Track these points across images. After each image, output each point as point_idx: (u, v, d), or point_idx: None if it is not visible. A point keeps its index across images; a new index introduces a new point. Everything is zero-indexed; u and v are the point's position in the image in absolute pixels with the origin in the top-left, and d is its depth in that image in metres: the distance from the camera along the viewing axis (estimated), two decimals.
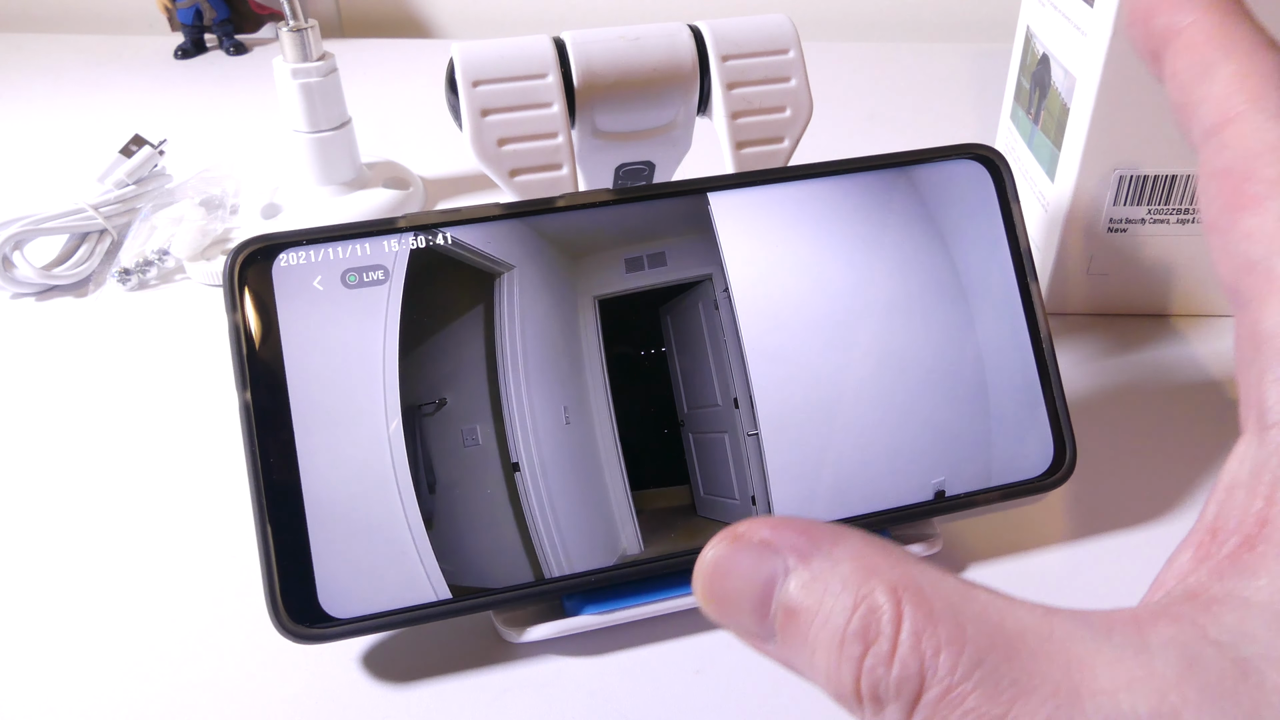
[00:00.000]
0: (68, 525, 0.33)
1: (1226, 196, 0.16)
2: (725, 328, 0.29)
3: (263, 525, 0.26)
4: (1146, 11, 0.18)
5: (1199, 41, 0.17)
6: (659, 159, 0.35)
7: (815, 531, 0.15)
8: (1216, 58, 0.17)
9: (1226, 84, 0.16)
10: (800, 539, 0.15)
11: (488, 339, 0.28)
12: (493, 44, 0.30)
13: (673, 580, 0.28)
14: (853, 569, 0.14)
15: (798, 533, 0.15)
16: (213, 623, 0.29)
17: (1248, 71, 0.16)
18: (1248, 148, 0.16)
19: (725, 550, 0.15)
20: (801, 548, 0.15)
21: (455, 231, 0.28)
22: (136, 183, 0.51)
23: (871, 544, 0.15)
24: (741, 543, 0.15)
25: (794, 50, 0.32)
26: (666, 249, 0.29)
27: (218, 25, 0.76)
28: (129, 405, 0.39)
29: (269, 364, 0.26)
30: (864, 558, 0.14)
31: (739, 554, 0.15)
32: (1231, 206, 0.16)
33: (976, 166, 0.31)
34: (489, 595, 0.26)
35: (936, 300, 0.30)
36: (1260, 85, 0.16)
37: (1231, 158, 0.16)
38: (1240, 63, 0.16)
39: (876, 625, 0.13)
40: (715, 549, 0.16)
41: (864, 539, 0.15)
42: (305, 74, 0.47)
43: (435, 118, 0.43)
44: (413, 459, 0.27)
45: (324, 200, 0.50)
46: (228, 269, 0.27)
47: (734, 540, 0.15)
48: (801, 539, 0.15)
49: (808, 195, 0.30)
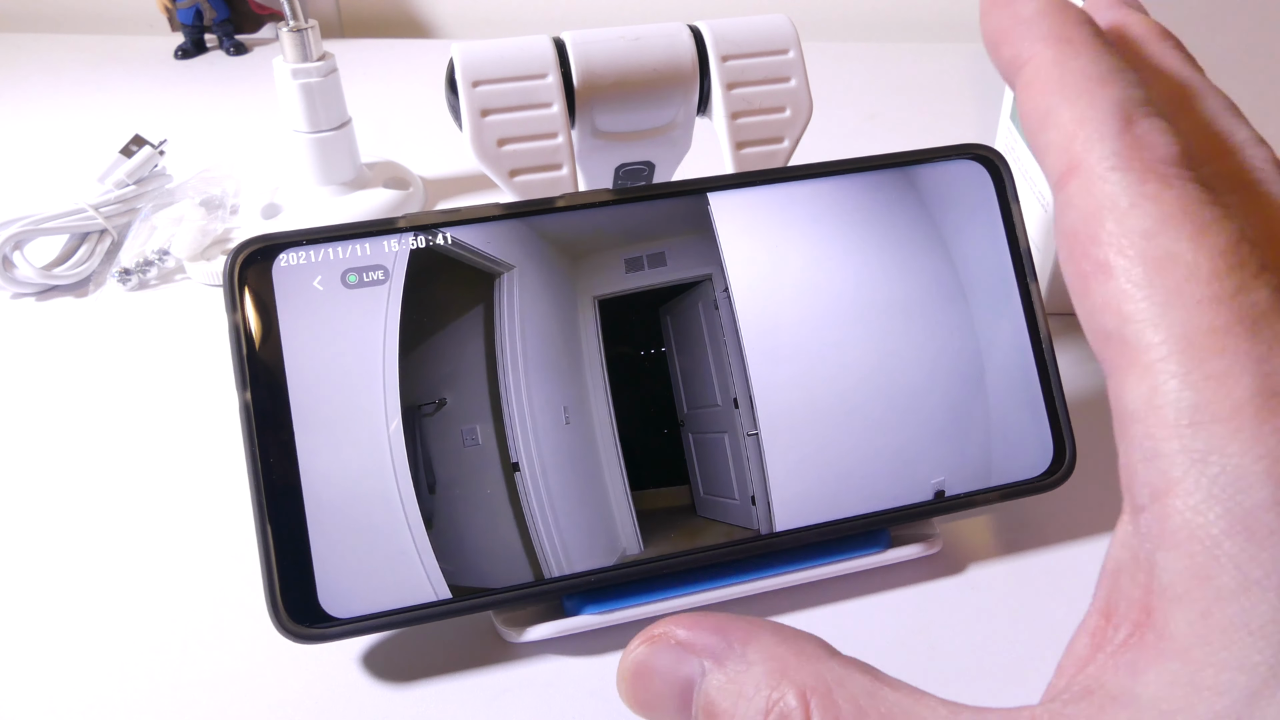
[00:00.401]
0: (68, 525, 0.33)
1: (1076, 262, 0.15)
2: (725, 328, 0.29)
3: (263, 525, 0.26)
4: (996, 41, 0.17)
5: (1037, 81, 0.16)
6: (659, 159, 0.35)
7: (729, 630, 0.15)
8: (1054, 101, 0.16)
9: (1064, 132, 0.15)
10: (714, 639, 0.15)
11: (488, 339, 0.28)
12: (493, 44, 0.30)
13: (673, 580, 0.28)
14: (765, 671, 0.15)
15: (712, 632, 0.15)
16: (213, 623, 0.29)
17: (1084, 117, 0.15)
18: (1089, 206, 0.14)
19: (644, 653, 0.16)
20: (716, 649, 0.15)
21: (455, 231, 0.28)
22: (137, 183, 0.51)
23: (783, 640, 0.15)
24: (659, 644, 0.16)
25: (794, 50, 0.32)
26: (666, 249, 0.29)
27: (218, 25, 0.76)
28: (129, 405, 0.39)
29: (269, 364, 0.26)
30: (776, 659, 0.15)
31: (658, 656, 0.16)
32: (1081, 273, 0.15)
33: (976, 166, 0.31)
34: (489, 595, 0.26)
35: (936, 300, 0.30)
36: (1096, 132, 0.15)
37: (1075, 218, 0.15)
38: (1076, 107, 0.15)
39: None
40: (635, 652, 0.16)
41: (776, 635, 0.15)
42: (305, 74, 0.47)
43: (435, 118, 0.43)
44: (413, 459, 0.27)
45: (324, 200, 0.50)
46: (228, 269, 0.27)
47: (652, 642, 0.16)
48: (716, 639, 0.15)
49: (808, 195, 0.30)
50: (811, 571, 0.29)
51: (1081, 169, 0.15)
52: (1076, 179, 0.15)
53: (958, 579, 0.30)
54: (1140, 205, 0.14)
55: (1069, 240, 0.15)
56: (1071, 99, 0.15)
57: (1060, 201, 0.15)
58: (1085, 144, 0.15)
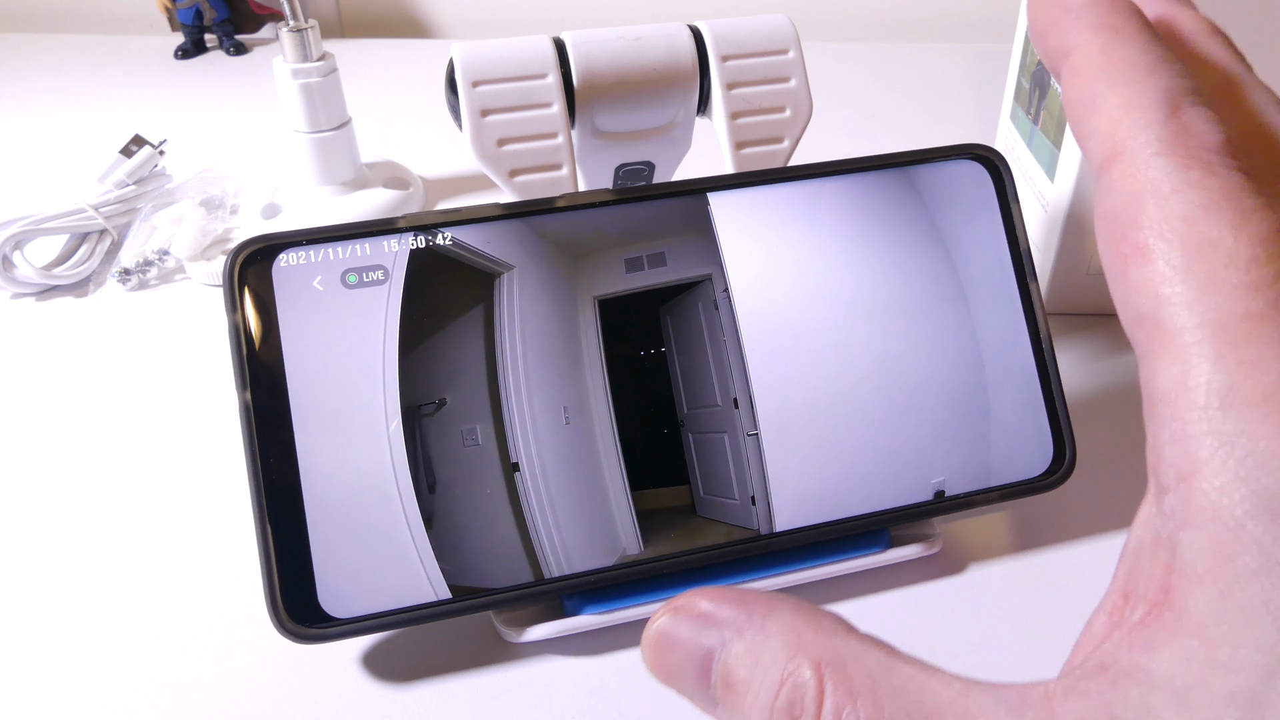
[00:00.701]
0: (68, 525, 0.33)
1: (1115, 245, 0.15)
2: (725, 328, 0.29)
3: (263, 525, 0.26)
4: (1043, 30, 0.17)
5: (1085, 68, 0.16)
6: (659, 159, 0.35)
7: (750, 603, 0.16)
8: (1100, 88, 0.16)
9: (1110, 118, 0.15)
10: (736, 612, 0.16)
11: (487, 339, 0.28)
12: (493, 44, 0.30)
13: (673, 580, 0.28)
14: (782, 643, 0.15)
15: (734, 605, 0.16)
16: (213, 623, 0.29)
17: (1131, 104, 0.15)
18: (1131, 190, 0.15)
19: (668, 622, 0.17)
20: (737, 621, 0.16)
21: (455, 231, 0.28)
22: (136, 183, 0.51)
23: (802, 615, 0.15)
24: (682, 614, 0.17)
25: (794, 50, 0.32)
26: (666, 249, 0.29)
27: (218, 25, 0.76)
28: (129, 405, 0.39)
29: (269, 364, 0.26)
30: (794, 631, 0.15)
31: (680, 626, 0.16)
32: (1120, 256, 0.15)
33: (976, 166, 0.31)
34: (489, 595, 0.26)
35: (936, 300, 0.30)
36: (1142, 118, 0.15)
37: (1117, 201, 0.15)
38: (1123, 94, 0.15)
39: (801, 701, 0.14)
40: (659, 621, 0.17)
41: (795, 610, 0.16)
42: (305, 74, 0.47)
43: (435, 118, 0.43)
44: (413, 459, 0.27)
45: (324, 200, 0.50)
46: (228, 269, 0.27)
47: (675, 612, 0.17)
48: (737, 611, 0.16)
49: (808, 195, 0.30)
50: (811, 571, 0.29)
51: (1125, 154, 0.15)
52: (1119, 164, 0.15)
53: (958, 579, 0.30)
54: (1183, 191, 0.14)
55: (1109, 223, 0.15)
56: (1118, 86, 0.16)
57: (1102, 186, 0.15)
58: (1130, 130, 0.15)
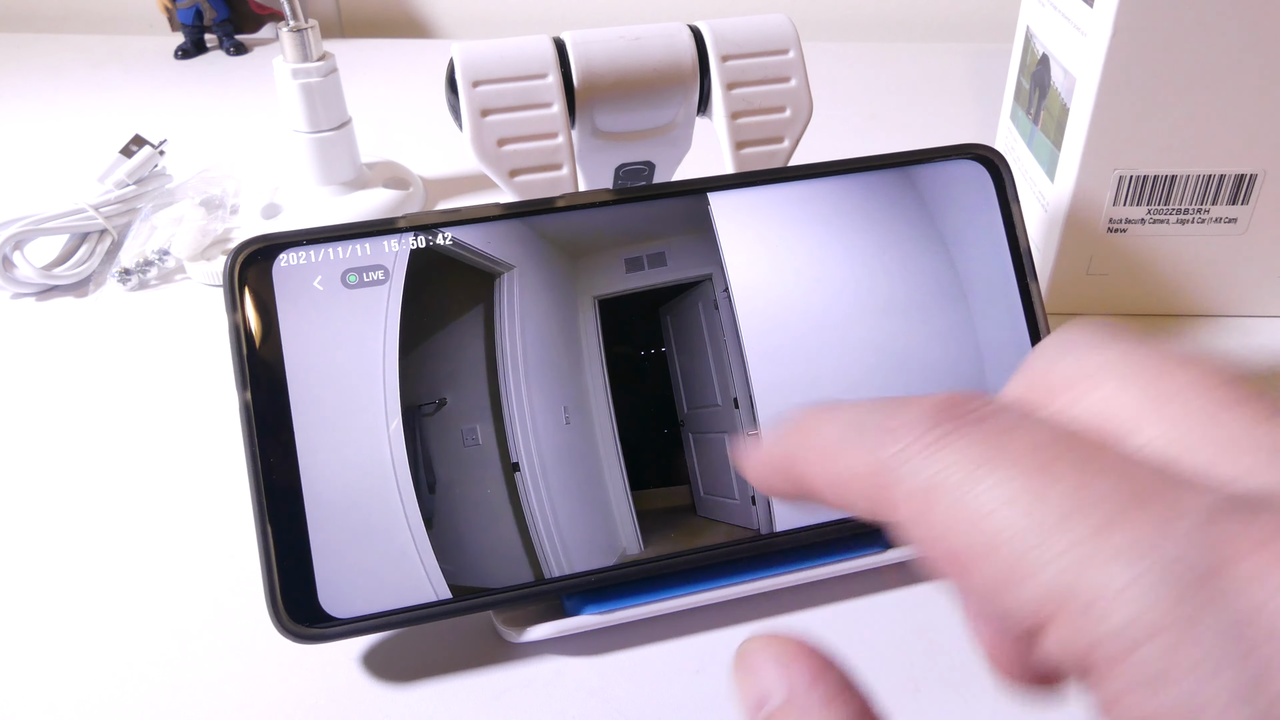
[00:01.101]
0: (68, 525, 0.33)
1: None
2: (725, 328, 0.29)
3: (263, 525, 0.26)
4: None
5: None
6: (659, 159, 0.35)
7: None
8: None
9: (857, 472, 0.13)
10: None
11: (488, 339, 0.28)
12: (493, 44, 0.30)
13: (673, 580, 0.28)
14: None
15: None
16: (213, 623, 0.29)
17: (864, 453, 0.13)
18: None
19: None
20: None
21: (455, 231, 0.28)
22: (137, 183, 0.51)
23: None
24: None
25: (794, 50, 0.32)
26: (666, 249, 0.29)
27: (218, 25, 0.76)
28: (129, 405, 0.39)
29: (269, 364, 0.26)
30: None
31: None
32: None
33: (976, 166, 0.31)
34: (489, 595, 0.26)
35: (936, 300, 0.30)
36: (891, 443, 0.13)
37: None
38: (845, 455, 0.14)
39: None
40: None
41: None
42: (305, 74, 0.47)
43: (435, 118, 0.43)
44: (413, 459, 0.27)
45: (324, 200, 0.50)
46: (228, 269, 0.27)
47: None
48: None
49: (808, 195, 0.30)
50: (811, 571, 0.29)
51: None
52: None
53: None
54: None
55: None
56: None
57: None
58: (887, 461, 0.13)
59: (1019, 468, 0.11)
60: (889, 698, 0.27)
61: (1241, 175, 0.37)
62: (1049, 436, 0.12)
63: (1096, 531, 0.11)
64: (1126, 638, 0.10)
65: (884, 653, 0.28)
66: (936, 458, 0.12)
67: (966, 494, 0.11)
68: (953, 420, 0.12)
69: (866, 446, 0.13)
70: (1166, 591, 0.10)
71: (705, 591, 0.28)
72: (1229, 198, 0.38)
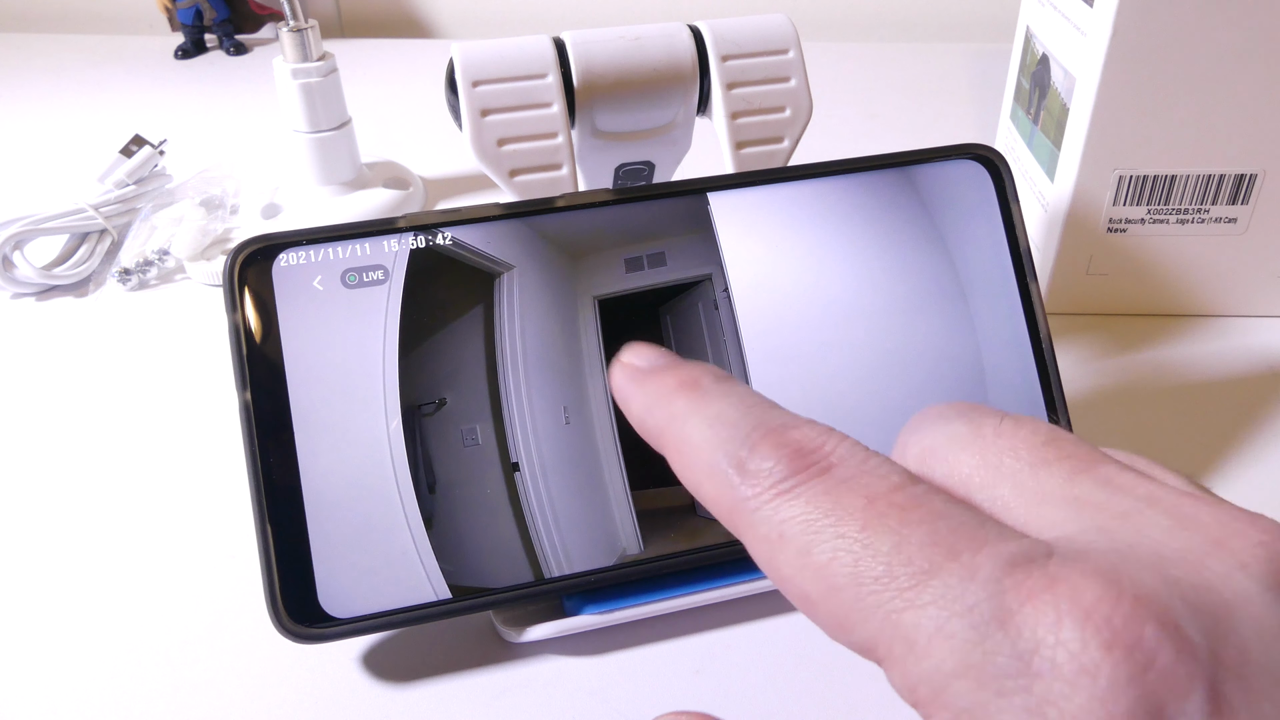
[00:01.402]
0: (68, 525, 0.33)
1: None
2: (725, 328, 0.29)
3: (263, 525, 0.26)
4: None
5: None
6: (659, 159, 0.35)
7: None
8: None
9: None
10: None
11: (487, 339, 0.28)
12: (493, 44, 0.30)
13: (673, 580, 0.28)
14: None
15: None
16: (213, 623, 0.29)
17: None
18: None
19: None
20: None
21: (455, 231, 0.28)
22: (136, 183, 0.51)
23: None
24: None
25: (794, 50, 0.32)
26: (666, 249, 0.29)
27: (218, 25, 0.76)
28: (129, 405, 0.39)
29: (269, 364, 0.26)
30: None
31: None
32: None
33: (976, 166, 0.31)
34: (489, 595, 0.26)
35: (936, 300, 0.30)
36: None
37: None
38: None
39: None
40: None
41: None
42: (305, 74, 0.47)
43: (435, 118, 0.43)
44: (413, 459, 0.27)
45: (324, 200, 0.50)
46: (228, 269, 0.27)
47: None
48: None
49: (808, 195, 0.30)
50: None
51: None
52: None
53: None
54: None
55: None
56: None
57: None
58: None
59: (853, 522, 0.13)
60: (889, 697, 0.27)
61: (1241, 175, 0.37)
62: (884, 486, 0.13)
63: (915, 581, 0.12)
64: (939, 676, 0.12)
65: None
66: (784, 510, 0.14)
67: (809, 545, 0.13)
68: (803, 471, 0.14)
69: (723, 480, 0.14)
70: (969, 635, 0.11)
71: (705, 591, 0.28)
72: (1229, 198, 0.38)
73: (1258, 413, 0.36)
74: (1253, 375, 0.38)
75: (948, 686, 0.11)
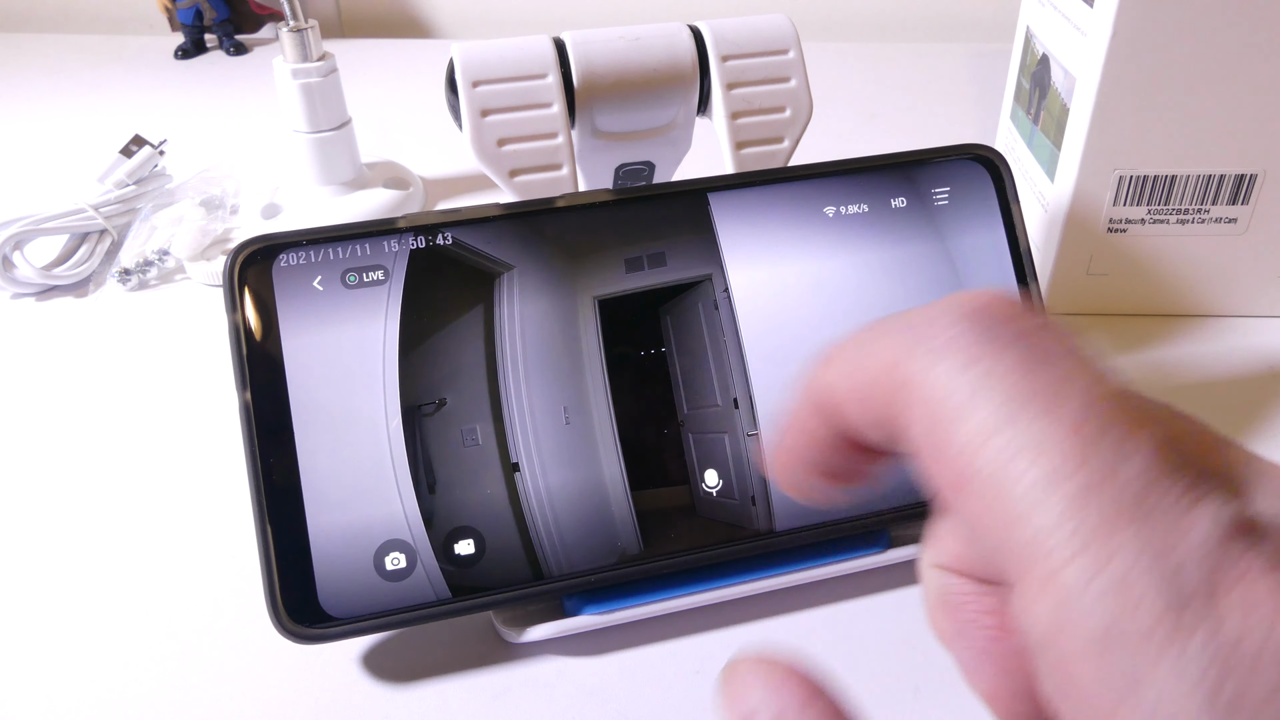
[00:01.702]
0: (68, 525, 0.33)
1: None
2: (725, 328, 0.29)
3: (263, 525, 0.26)
4: None
5: None
6: (659, 159, 0.35)
7: None
8: None
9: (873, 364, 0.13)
10: None
11: (488, 339, 0.28)
12: (493, 44, 0.30)
13: (673, 580, 0.28)
14: None
15: None
16: (213, 623, 0.29)
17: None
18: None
19: None
20: None
21: (455, 232, 0.28)
22: (136, 183, 0.51)
23: None
24: None
25: (794, 50, 0.32)
26: (666, 249, 0.29)
27: (218, 25, 0.76)
28: (129, 405, 0.39)
29: (269, 364, 0.26)
30: None
31: None
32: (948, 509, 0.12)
33: (976, 167, 0.31)
34: (489, 595, 0.26)
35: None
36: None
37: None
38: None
39: None
40: None
41: None
42: (305, 74, 0.47)
43: (435, 118, 0.43)
44: (413, 459, 0.27)
45: (324, 200, 0.50)
46: (228, 269, 0.27)
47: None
48: None
49: (808, 195, 0.30)
50: (811, 571, 0.29)
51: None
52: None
53: None
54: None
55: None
56: None
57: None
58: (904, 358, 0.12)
59: (1052, 418, 0.11)
60: (889, 698, 0.27)
61: (1241, 175, 0.37)
62: (1088, 382, 0.11)
63: (1109, 519, 0.10)
64: (1111, 632, 0.10)
65: (884, 653, 0.28)
66: (968, 374, 0.11)
67: (994, 431, 0.11)
68: (989, 332, 0.12)
69: (894, 338, 0.13)
70: (1159, 599, 0.10)
71: (705, 591, 0.28)
72: (1229, 198, 0.38)
73: (1258, 413, 0.36)
74: (1253, 375, 0.38)
75: (1111, 648, 0.10)
